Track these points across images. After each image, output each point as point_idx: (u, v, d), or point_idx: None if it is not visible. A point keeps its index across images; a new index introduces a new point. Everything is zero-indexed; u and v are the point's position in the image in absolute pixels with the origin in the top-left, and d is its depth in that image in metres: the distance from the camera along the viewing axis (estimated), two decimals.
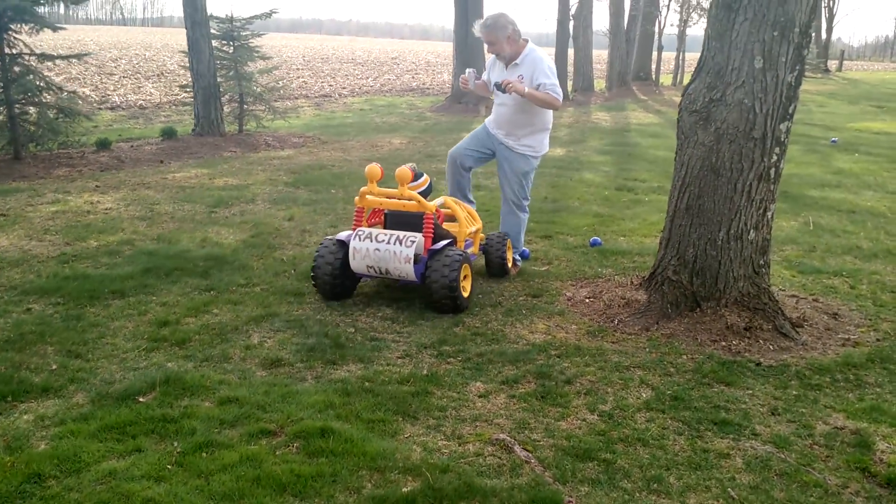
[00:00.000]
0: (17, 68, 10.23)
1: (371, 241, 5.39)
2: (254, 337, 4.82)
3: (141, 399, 3.96)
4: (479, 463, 3.45)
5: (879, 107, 23.75)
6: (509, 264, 6.20)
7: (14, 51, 10.32)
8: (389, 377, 4.27)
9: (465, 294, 5.44)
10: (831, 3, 46.19)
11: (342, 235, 5.59)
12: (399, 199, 5.56)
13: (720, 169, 4.99)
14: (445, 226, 5.98)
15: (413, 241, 5.34)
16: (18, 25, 10.08)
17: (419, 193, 5.66)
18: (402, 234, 5.38)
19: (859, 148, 14.19)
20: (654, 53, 31.46)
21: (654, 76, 31.05)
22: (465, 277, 5.46)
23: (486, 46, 6.21)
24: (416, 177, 5.73)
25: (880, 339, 5.08)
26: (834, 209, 8.93)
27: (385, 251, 5.33)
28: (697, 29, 43.23)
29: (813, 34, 5.12)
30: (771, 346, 4.89)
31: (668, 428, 3.81)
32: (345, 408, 3.89)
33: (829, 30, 46.14)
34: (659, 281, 5.32)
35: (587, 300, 5.65)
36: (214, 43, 13.04)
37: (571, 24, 24.08)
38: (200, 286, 5.71)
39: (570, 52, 24.64)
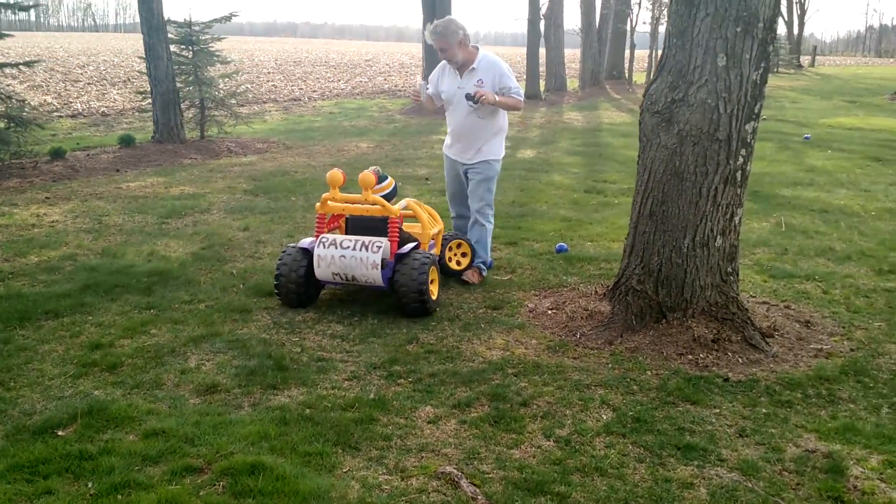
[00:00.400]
0: None
1: (336, 247, 5.24)
2: (191, 360, 4.51)
3: (60, 433, 3.65)
4: (422, 501, 3.16)
5: (852, 101, 23.71)
6: (455, 266, 6.07)
7: None
8: (333, 402, 3.98)
9: (433, 297, 5.32)
10: None
11: (305, 243, 5.46)
12: (363, 203, 5.42)
13: (684, 172, 4.74)
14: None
15: (380, 247, 5.21)
16: None
17: (383, 197, 5.53)
18: (367, 239, 5.25)
19: (832, 144, 14.04)
20: (627, 52, 31.35)
21: (627, 74, 30.92)
22: (432, 281, 5.34)
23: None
24: (380, 180, 5.62)
25: (854, 348, 4.85)
26: (806, 209, 8.73)
27: (351, 258, 5.20)
28: None
29: (783, 31, 4.88)
30: (740, 359, 4.64)
31: (628, 455, 3.55)
32: (280, 439, 3.59)
33: (801, 25, 46.31)
34: (623, 291, 5.06)
35: (549, 311, 5.38)
36: (173, 48, 12.67)
37: (542, 23, 23.87)
38: (141, 304, 5.39)
39: (542, 51, 24.43)
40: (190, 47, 12.83)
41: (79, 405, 3.87)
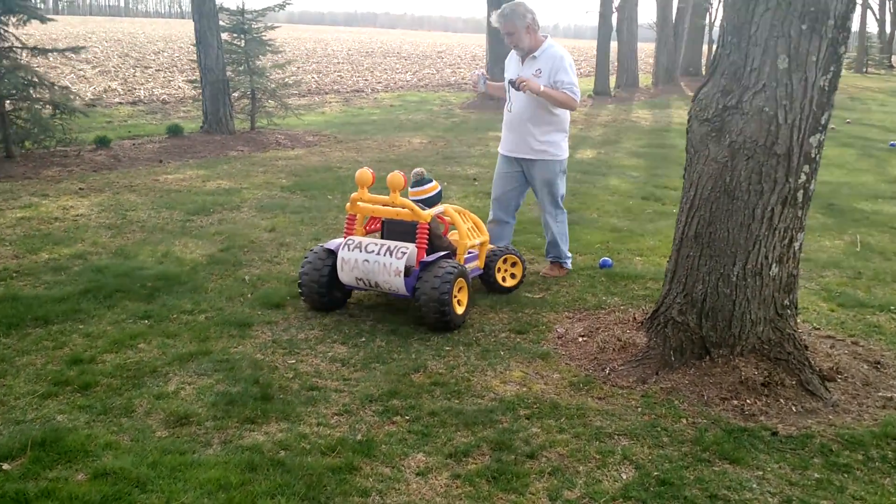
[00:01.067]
0: (5, 62, 9.68)
1: (360, 251, 4.92)
2: (172, 382, 4.09)
3: (5, 466, 3.27)
4: None
5: None
6: (501, 282, 5.62)
7: (6, 44, 9.78)
8: (313, 444, 3.51)
9: (461, 310, 4.92)
10: None
11: (333, 244, 5.15)
12: (391, 206, 5.05)
13: (735, 190, 4.12)
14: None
15: (404, 253, 4.85)
16: (7, 17, 9.52)
17: (424, 200, 5.20)
18: (393, 244, 4.90)
19: None
20: (705, 48, 30.19)
21: (704, 71, 29.76)
22: (459, 290, 4.93)
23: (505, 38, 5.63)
24: (422, 182, 5.29)
25: None
26: (887, 226, 7.91)
27: (374, 262, 4.85)
28: None
29: (875, 28, 4.21)
30: (793, 408, 4.01)
31: None
32: (242, 489, 3.13)
33: (894, 23, 43.98)
34: (662, 322, 4.46)
35: (580, 339, 4.81)
36: (225, 36, 12.41)
37: (615, 16, 23.02)
38: (138, 313, 5.01)
39: (614, 45, 23.59)
40: (242, 35, 12.53)
41: (35, 433, 3.48)
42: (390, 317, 5.07)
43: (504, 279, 5.61)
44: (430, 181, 5.35)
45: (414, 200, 5.22)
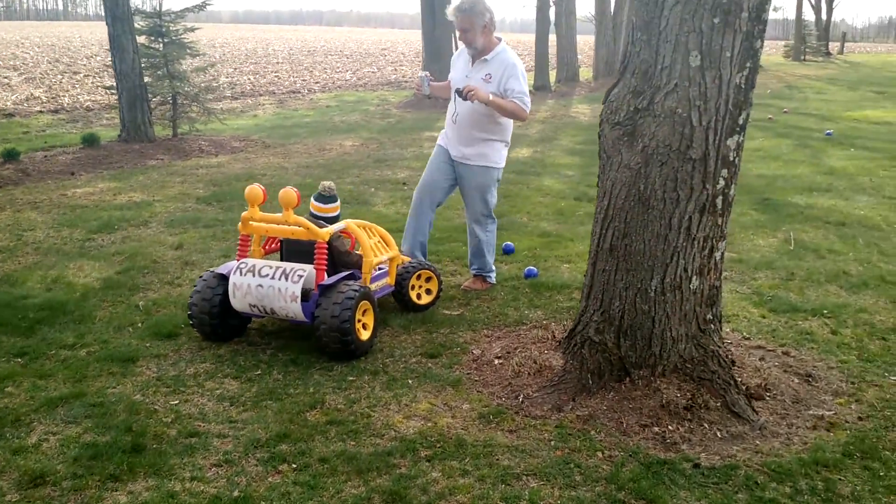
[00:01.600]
0: None
1: (254, 275, 4.49)
2: (35, 433, 3.65)
3: None
4: None
5: (880, 92, 22.43)
6: (416, 299, 5.25)
7: None
8: None
9: (366, 335, 4.53)
10: None
11: (224, 268, 4.71)
12: (284, 225, 4.62)
13: (650, 199, 3.81)
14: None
15: (301, 276, 4.43)
16: None
17: (326, 219, 4.81)
18: (290, 266, 4.48)
19: (855, 141, 12.93)
20: None
21: None
22: (364, 313, 4.54)
23: (455, 35, 5.26)
24: (328, 200, 4.91)
25: (863, 415, 3.90)
26: (821, 220, 7.71)
27: (269, 287, 4.43)
28: None
29: (811, 16, 3.92)
30: (718, 433, 3.72)
31: None
32: None
33: (830, 11, 44.56)
34: (578, 342, 4.14)
35: (496, 361, 4.47)
36: (142, 39, 11.85)
37: (552, 10, 22.79)
38: (14, 350, 4.54)
39: (553, 38, 23.37)
40: (160, 39, 11.97)
41: None
42: (293, 344, 4.68)
43: (419, 296, 5.26)
44: (336, 200, 4.96)
45: (315, 217, 4.83)
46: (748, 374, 4.23)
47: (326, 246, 4.55)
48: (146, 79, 11.84)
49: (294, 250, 4.81)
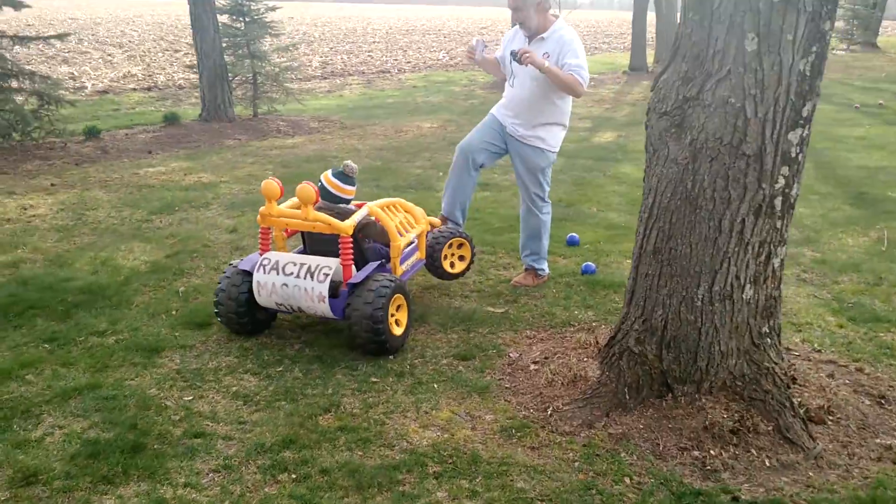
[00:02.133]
0: None
1: (278, 273, 4.28)
2: (42, 425, 3.56)
3: None
4: None
5: None
6: (449, 268, 5.11)
7: None
8: None
9: (399, 331, 4.31)
10: None
11: (247, 263, 4.51)
12: (303, 220, 4.36)
13: (698, 198, 3.42)
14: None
15: (327, 274, 4.20)
16: None
17: (343, 200, 4.57)
18: (314, 263, 4.25)
19: None
20: None
21: None
22: (398, 308, 4.33)
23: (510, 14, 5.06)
24: (349, 181, 4.62)
25: None
26: None
27: (294, 287, 4.23)
28: None
29: None
30: (766, 461, 3.33)
31: None
32: None
33: None
34: (617, 352, 3.79)
35: (531, 367, 4.16)
36: (224, 18, 11.88)
37: None
38: (46, 334, 4.50)
39: (651, 16, 22.48)
40: (242, 18, 11.97)
41: None
42: (322, 339, 4.48)
43: (452, 265, 5.10)
44: (355, 184, 4.67)
45: (328, 193, 4.55)
46: (811, 393, 3.80)
47: (351, 240, 4.30)
48: (228, 58, 11.86)
49: (316, 238, 4.59)
